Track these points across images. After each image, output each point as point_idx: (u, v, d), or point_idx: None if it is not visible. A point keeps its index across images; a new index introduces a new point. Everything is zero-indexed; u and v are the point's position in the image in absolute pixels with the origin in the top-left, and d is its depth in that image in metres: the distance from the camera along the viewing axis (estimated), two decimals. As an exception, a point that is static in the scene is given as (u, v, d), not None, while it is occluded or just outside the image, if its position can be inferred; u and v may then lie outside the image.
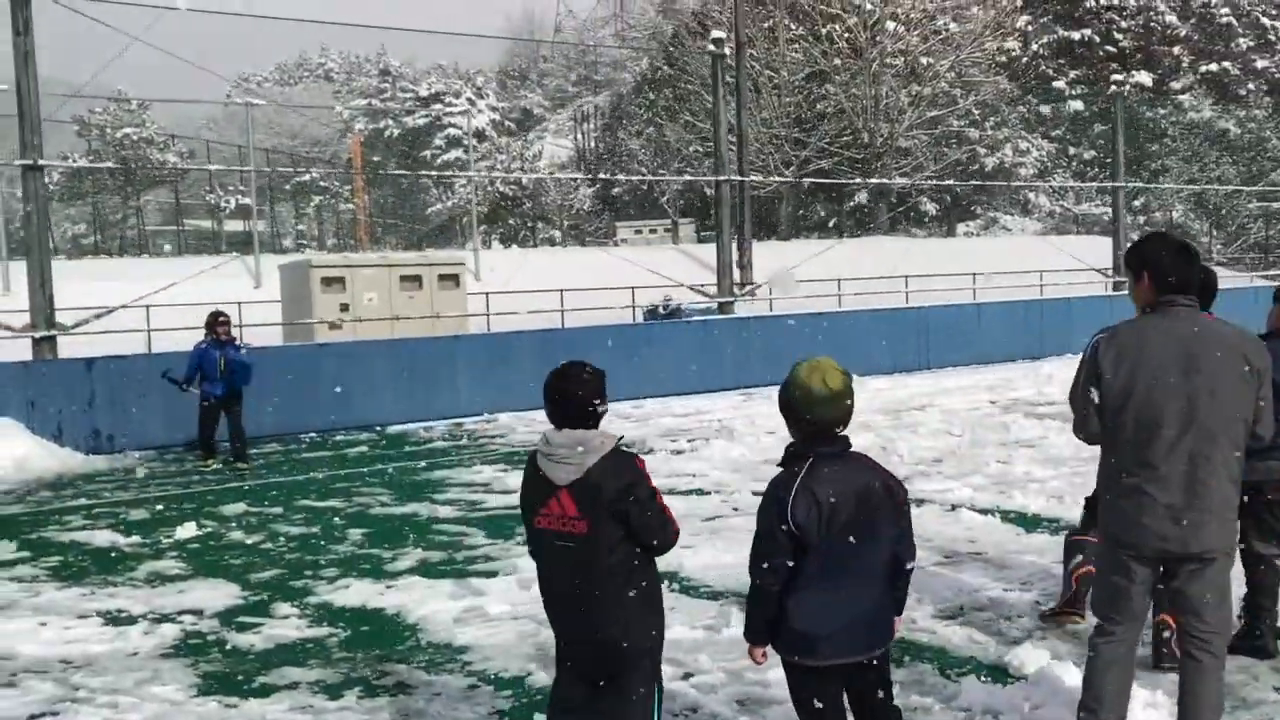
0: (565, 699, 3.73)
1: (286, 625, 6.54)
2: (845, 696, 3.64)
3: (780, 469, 3.54)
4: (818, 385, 3.48)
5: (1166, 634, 4.99)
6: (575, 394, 3.58)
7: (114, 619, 6.77)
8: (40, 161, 14.14)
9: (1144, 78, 53.38)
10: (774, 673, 5.20)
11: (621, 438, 3.65)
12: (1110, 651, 4.07)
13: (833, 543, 3.42)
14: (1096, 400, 4.00)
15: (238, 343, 12.72)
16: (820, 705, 3.54)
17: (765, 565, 3.45)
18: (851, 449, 3.57)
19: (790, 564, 3.42)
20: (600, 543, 3.49)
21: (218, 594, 7.27)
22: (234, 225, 54.44)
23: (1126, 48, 55.38)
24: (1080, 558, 5.76)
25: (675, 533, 3.63)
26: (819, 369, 3.52)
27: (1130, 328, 4.03)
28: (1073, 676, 4.84)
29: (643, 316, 25.93)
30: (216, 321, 12.56)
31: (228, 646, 6.19)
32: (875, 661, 3.59)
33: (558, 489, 3.52)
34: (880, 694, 3.65)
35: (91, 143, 53.84)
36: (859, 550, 3.45)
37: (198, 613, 6.85)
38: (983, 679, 5.16)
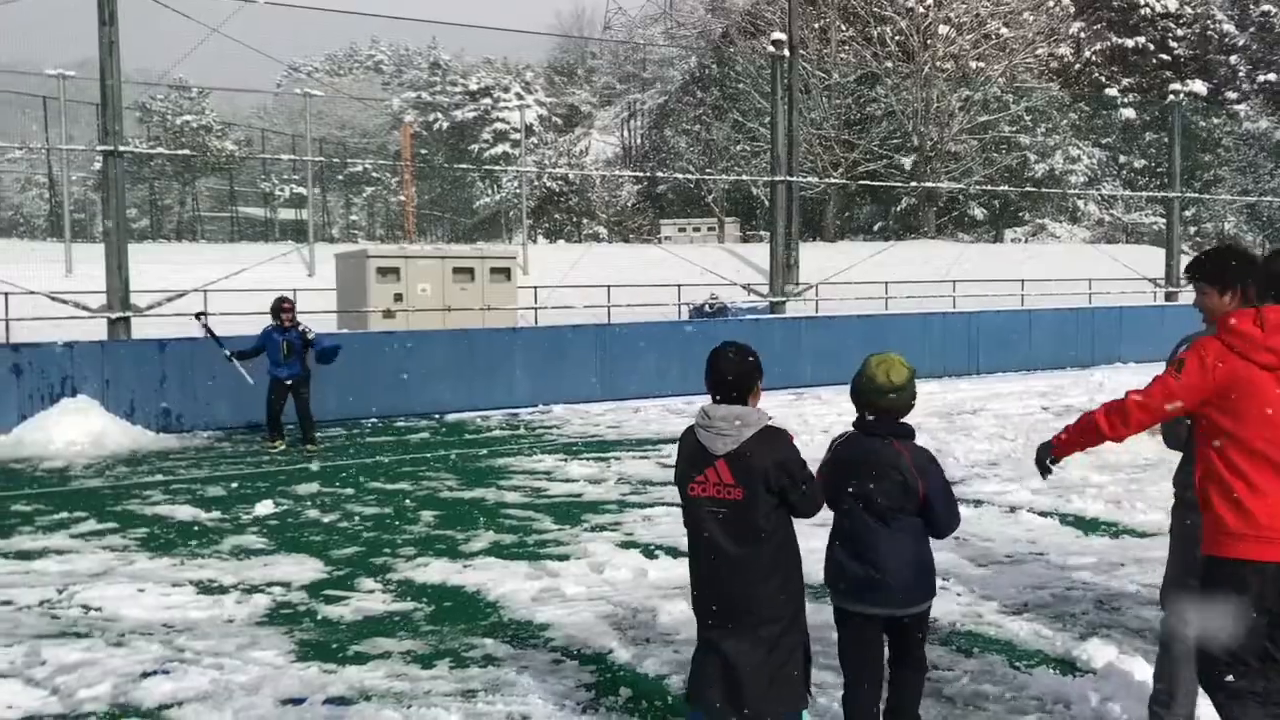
0: (707, 668, 3.90)
1: (372, 599, 6.83)
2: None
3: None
4: (881, 378, 4.04)
5: None
6: (735, 372, 3.86)
7: (207, 588, 7.09)
8: (121, 148, 14.58)
9: (1199, 86, 52.80)
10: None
11: (772, 417, 3.90)
12: (1180, 647, 4.15)
13: (849, 506, 4.05)
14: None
15: (300, 327, 13.03)
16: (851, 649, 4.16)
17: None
18: (890, 433, 4.08)
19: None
20: (755, 508, 3.76)
21: (303, 568, 7.58)
22: (286, 214, 55.19)
23: (1182, 56, 54.85)
24: None
25: (821, 503, 3.94)
26: (886, 362, 4.09)
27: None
28: (1142, 670, 5.01)
29: (689, 314, 26.15)
30: (281, 307, 12.89)
31: (319, 617, 6.48)
32: (907, 619, 4.10)
33: (715, 458, 3.78)
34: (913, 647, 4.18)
35: (152, 129, 54.83)
36: (869, 514, 4.03)
37: (286, 585, 7.16)
38: (1052, 670, 5.33)
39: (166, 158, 49.18)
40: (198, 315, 13.62)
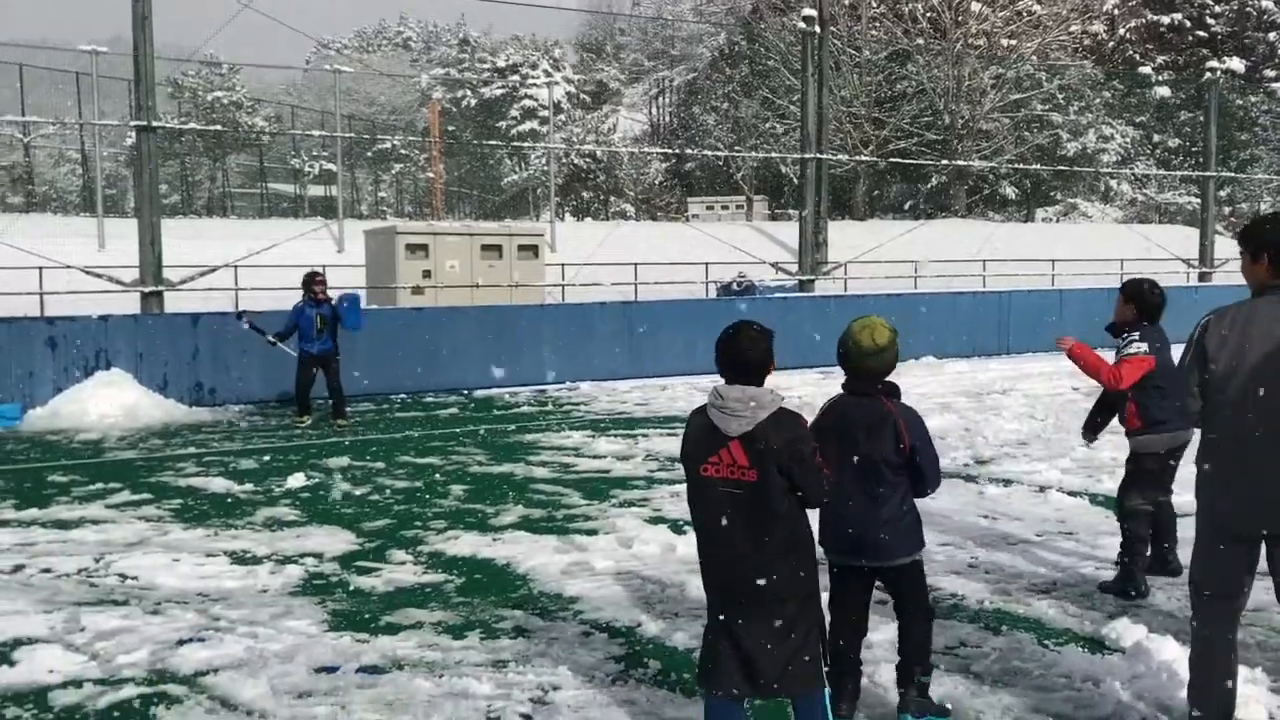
0: (720, 651, 3.87)
1: (404, 571, 6.90)
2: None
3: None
4: (866, 340, 4.30)
5: None
6: (748, 353, 3.83)
7: (240, 559, 7.18)
8: (154, 123, 14.69)
9: (1236, 64, 52.01)
10: (874, 633, 5.44)
11: (784, 398, 3.88)
12: (1210, 630, 4.10)
13: (840, 464, 4.26)
14: (1199, 382, 4.05)
15: (333, 301, 13.12)
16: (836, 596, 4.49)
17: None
18: (878, 392, 4.33)
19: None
20: (769, 490, 3.74)
21: (335, 540, 7.66)
22: (316, 190, 55.45)
23: (1219, 33, 54.06)
24: None
25: (826, 488, 3.89)
26: (869, 326, 4.33)
27: (1240, 308, 4.03)
28: (1171, 649, 4.99)
29: (717, 293, 26.12)
30: (313, 281, 12.98)
31: (351, 588, 6.56)
32: (894, 570, 4.39)
33: (729, 439, 3.76)
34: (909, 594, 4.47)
35: (183, 105, 55.18)
36: (860, 471, 4.28)
37: (318, 556, 7.24)
38: (1081, 649, 5.33)
39: (197, 133, 49.48)
40: (239, 315, 13.79)
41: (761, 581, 3.76)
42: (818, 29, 21.21)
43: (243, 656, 5.34)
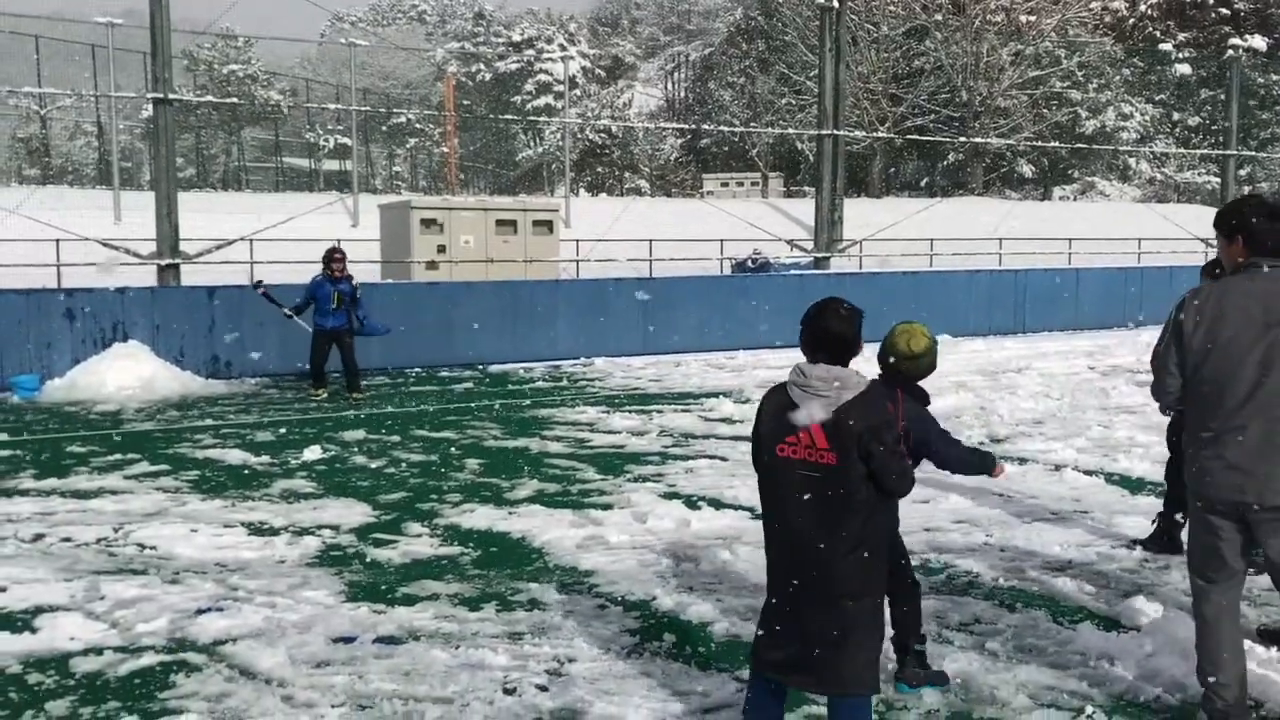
0: (776, 634, 3.73)
1: (420, 543, 6.94)
2: None
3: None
4: (903, 346, 4.49)
5: None
6: (836, 331, 3.65)
7: (258, 530, 7.23)
8: (171, 96, 14.70)
9: (1258, 42, 51.42)
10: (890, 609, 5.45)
11: (871, 381, 3.73)
12: (1213, 611, 4.12)
13: None
14: (1177, 359, 4.09)
15: (353, 281, 13.13)
16: None
17: None
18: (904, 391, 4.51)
19: None
20: (848, 475, 3.54)
21: (351, 512, 7.70)
22: (331, 164, 55.43)
23: (1241, 10, 53.46)
24: None
25: (911, 481, 3.68)
26: (908, 332, 4.53)
27: (1214, 287, 4.11)
28: (1186, 628, 4.96)
29: (731, 269, 26.05)
30: (332, 258, 13.00)
31: (367, 559, 6.60)
32: None
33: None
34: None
35: (198, 78, 55.16)
36: None
37: (335, 528, 7.28)
38: (1096, 627, 5.32)
39: (213, 106, 49.49)
40: (255, 285, 13.86)
41: (829, 570, 3.56)
42: (836, 4, 21.05)
43: (261, 626, 5.39)
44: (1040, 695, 4.60)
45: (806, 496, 3.58)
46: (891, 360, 4.51)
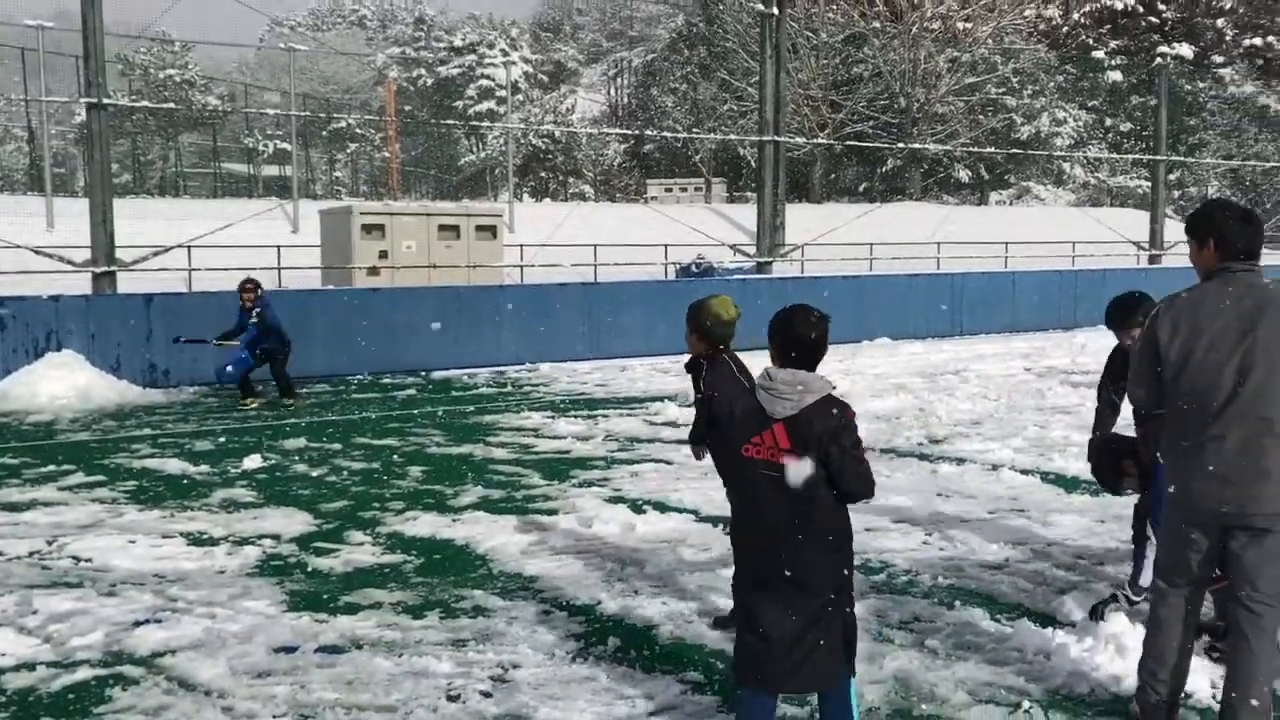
0: (748, 635, 3.79)
1: (362, 551, 6.88)
2: None
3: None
4: (725, 314, 5.15)
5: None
6: (806, 336, 3.75)
7: (197, 540, 7.13)
8: (105, 100, 14.43)
9: (1186, 50, 52.80)
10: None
11: (835, 386, 3.82)
12: (1170, 615, 4.15)
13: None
14: (1155, 371, 4.08)
15: (257, 309, 12.71)
16: None
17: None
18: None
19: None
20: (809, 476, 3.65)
21: (292, 521, 7.62)
22: (270, 170, 54.76)
23: (1169, 19, 54.76)
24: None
25: (870, 484, 3.75)
26: (724, 303, 5.18)
27: (1189, 294, 4.08)
28: (1120, 624, 5.09)
29: (675, 274, 26.16)
30: (243, 289, 12.81)
31: (309, 569, 6.54)
32: None
33: (773, 422, 3.68)
34: None
35: (134, 83, 54.19)
36: None
37: (275, 537, 7.20)
38: (1033, 624, 5.42)
39: (149, 112, 48.67)
40: (175, 340, 13.57)
41: (793, 568, 3.65)
42: (775, 11, 21.23)
43: (200, 637, 5.31)
44: (979, 691, 4.68)
45: (770, 496, 3.67)
46: (708, 324, 5.14)
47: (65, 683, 4.82)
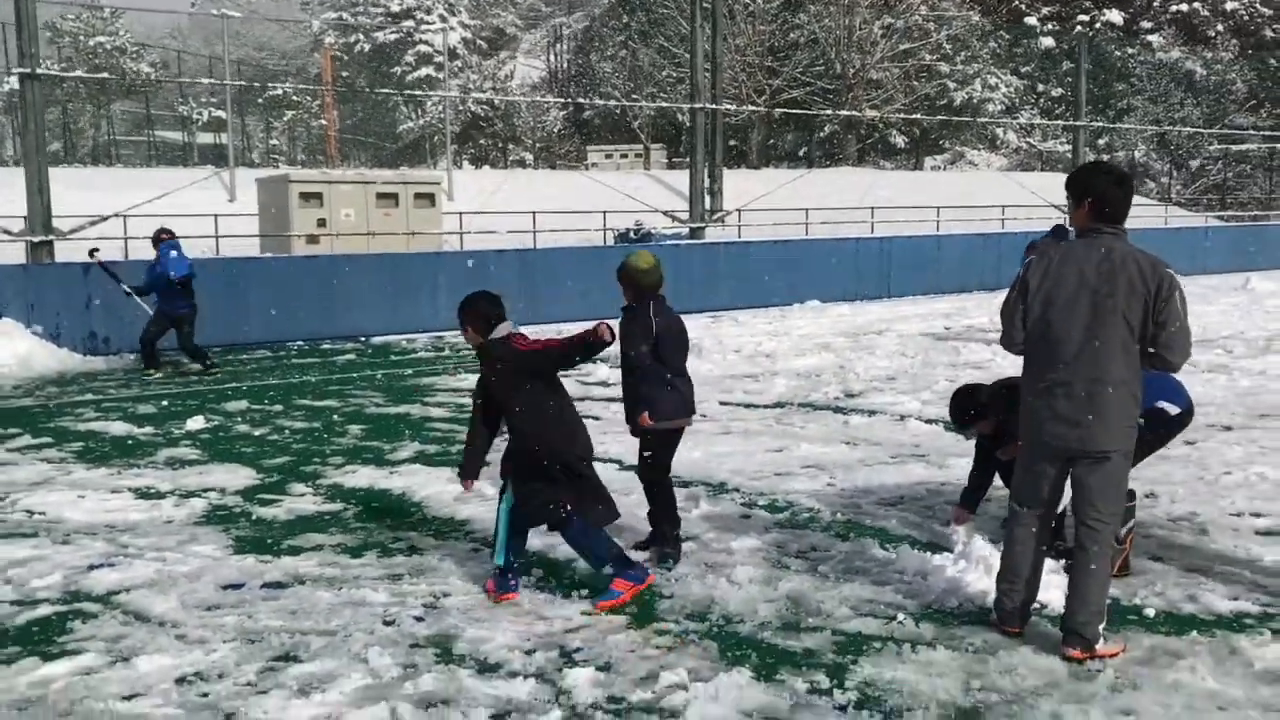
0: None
1: (304, 501, 7.32)
2: None
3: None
4: (644, 264, 5.93)
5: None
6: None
7: (145, 494, 7.51)
8: (39, 70, 14.51)
9: (1115, 16, 53.90)
10: (736, 541, 6.09)
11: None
12: (1023, 533, 4.76)
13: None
14: (1022, 313, 4.61)
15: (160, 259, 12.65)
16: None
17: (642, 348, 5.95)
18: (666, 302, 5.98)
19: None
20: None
21: (236, 476, 8.03)
22: (205, 138, 54.11)
23: (1099, -14, 55.76)
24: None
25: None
26: (642, 256, 5.98)
27: (1058, 249, 4.60)
28: (991, 551, 5.69)
29: (614, 240, 26.55)
30: (155, 239, 12.79)
31: (253, 517, 6.96)
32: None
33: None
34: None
35: (63, 50, 53.15)
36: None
37: (221, 490, 7.61)
38: (917, 551, 6.01)
39: (80, 80, 47.88)
40: (91, 252, 13.60)
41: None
42: (707, -21, 21.61)
43: (152, 578, 5.73)
44: (860, 607, 5.24)
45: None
46: (639, 276, 5.91)
47: (28, 618, 5.22)
